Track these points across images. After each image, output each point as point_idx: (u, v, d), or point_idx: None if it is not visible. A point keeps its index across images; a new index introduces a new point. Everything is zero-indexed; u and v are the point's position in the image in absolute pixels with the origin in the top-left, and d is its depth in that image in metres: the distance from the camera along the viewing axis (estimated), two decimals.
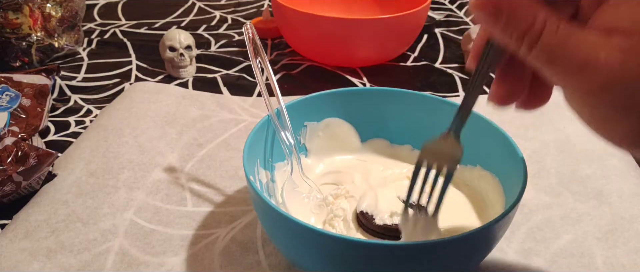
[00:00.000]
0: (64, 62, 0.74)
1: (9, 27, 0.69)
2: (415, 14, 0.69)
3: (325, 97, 0.48)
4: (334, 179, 0.47)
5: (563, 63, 0.25)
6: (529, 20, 0.25)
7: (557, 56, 0.25)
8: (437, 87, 0.70)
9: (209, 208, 0.48)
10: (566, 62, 0.24)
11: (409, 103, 0.48)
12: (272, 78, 0.45)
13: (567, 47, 0.24)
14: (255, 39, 0.44)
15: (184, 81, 0.69)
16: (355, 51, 0.71)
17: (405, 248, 0.34)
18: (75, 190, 0.49)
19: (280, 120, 0.45)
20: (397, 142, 0.50)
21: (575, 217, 0.47)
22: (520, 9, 0.25)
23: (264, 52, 0.45)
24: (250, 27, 0.45)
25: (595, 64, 0.24)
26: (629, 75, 0.24)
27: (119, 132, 0.56)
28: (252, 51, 0.44)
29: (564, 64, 0.24)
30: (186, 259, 0.43)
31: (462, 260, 0.36)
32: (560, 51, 0.24)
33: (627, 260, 0.43)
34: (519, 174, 0.39)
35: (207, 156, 0.54)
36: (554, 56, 0.25)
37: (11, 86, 0.59)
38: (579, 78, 0.24)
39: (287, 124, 0.45)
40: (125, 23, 0.87)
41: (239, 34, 0.84)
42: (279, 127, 0.45)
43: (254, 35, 0.44)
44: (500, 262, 0.43)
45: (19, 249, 0.42)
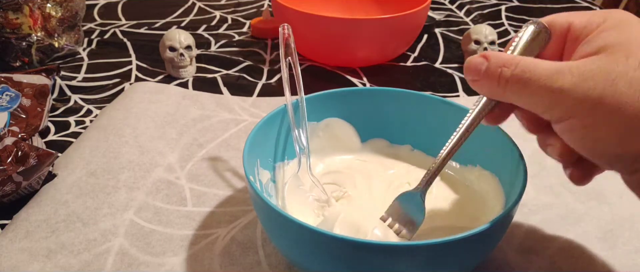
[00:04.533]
0: (64, 62, 0.74)
1: (9, 27, 0.69)
2: (415, 14, 0.69)
3: (325, 97, 0.48)
4: (334, 179, 0.47)
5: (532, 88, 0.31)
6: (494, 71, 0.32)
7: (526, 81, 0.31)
8: (437, 87, 0.70)
9: (209, 208, 0.48)
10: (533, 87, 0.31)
11: (409, 103, 0.48)
12: (299, 78, 0.46)
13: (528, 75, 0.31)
14: (290, 41, 0.46)
15: (184, 81, 0.69)
16: (355, 51, 0.71)
17: (405, 248, 0.34)
18: (75, 190, 0.49)
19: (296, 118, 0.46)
20: (397, 142, 0.50)
21: (575, 217, 0.47)
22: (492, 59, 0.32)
23: (296, 53, 0.46)
24: (287, 28, 0.46)
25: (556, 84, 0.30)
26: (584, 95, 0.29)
27: (119, 132, 0.56)
28: (283, 50, 0.46)
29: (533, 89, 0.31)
30: (186, 259, 0.43)
31: (463, 260, 0.36)
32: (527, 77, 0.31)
33: (627, 260, 0.43)
34: (519, 174, 0.39)
35: (207, 155, 0.54)
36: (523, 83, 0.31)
37: (11, 86, 0.59)
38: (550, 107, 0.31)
39: (303, 122, 0.46)
40: (125, 23, 0.87)
41: (239, 34, 0.84)
42: (294, 124, 0.45)
43: (289, 37, 0.46)
44: (500, 262, 0.43)
45: (19, 249, 0.42)
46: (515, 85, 0.31)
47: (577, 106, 0.30)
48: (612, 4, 1.25)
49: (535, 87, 0.31)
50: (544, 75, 0.30)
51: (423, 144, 0.49)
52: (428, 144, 0.49)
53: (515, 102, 0.33)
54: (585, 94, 0.29)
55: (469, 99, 0.66)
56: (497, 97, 0.33)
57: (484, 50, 0.71)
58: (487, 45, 0.71)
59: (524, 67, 0.31)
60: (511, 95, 0.32)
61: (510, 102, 0.33)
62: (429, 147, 0.49)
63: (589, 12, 0.34)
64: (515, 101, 0.32)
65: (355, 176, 0.47)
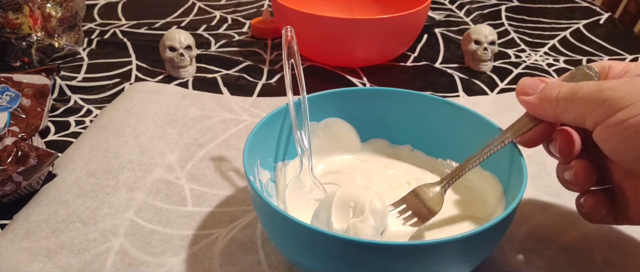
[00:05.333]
0: (64, 62, 0.74)
1: (9, 27, 0.69)
2: (415, 14, 0.69)
3: (325, 97, 0.48)
4: (334, 179, 0.47)
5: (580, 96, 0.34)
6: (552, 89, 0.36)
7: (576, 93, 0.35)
8: (437, 87, 0.70)
9: (209, 208, 0.48)
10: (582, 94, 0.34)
11: (409, 103, 0.48)
12: (301, 79, 0.46)
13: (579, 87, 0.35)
14: (293, 43, 0.46)
15: (184, 81, 0.69)
16: (355, 51, 0.71)
17: (405, 248, 0.34)
18: (75, 190, 0.49)
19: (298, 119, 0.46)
20: (397, 142, 0.50)
21: (575, 217, 0.47)
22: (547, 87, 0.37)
23: (299, 55, 0.46)
24: (290, 31, 0.46)
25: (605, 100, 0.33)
26: None
27: (119, 132, 0.56)
28: (286, 52, 0.46)
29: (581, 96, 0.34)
30: (186, 259, 0.43)
31: (463, 260, 0.36)
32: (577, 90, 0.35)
33: (627, 260, 0.43)
34: (519, 174, 0.39)
35: (207, 155, 0.54)
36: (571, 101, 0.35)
37: (11, 86, 0.59)
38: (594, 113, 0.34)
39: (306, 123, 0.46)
40: (125, 23, 0.87)
41: (239, 34, 0.84)
42: (296, 125, 0.45)
43: (292, 39, 0.46)
44: (500, 262, 0.43)
45: (19, 249, 0.42)
46: (567, 99, 0.35)
47: (620, 102, 0.32)
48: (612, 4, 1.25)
49: (585, 93, 0.34)
50: (593, 84, 0.34)
51: (423, 144, 0.49)
52: (428, 144, 0.49)
53: (564, 116, 0.36)
54: (628, 91, 0.32)
55: (468, 99, 0.66)
56: (546, 113, 0.37)
57: (484, 51, 0.71)
58: (487, 46, 0.71)
59: (575, 84, 0.35)
60: (562, 109, 0.35)
61: (558, 119, 0.36)
62: (429, 147, 0.49)
63: (624, 62, 0.39)
64: (565, 116, 0.36)
65: (355, 176, 0.47)
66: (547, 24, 0.89)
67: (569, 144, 0.38)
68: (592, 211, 0.40)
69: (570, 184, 0.39)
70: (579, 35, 0.85)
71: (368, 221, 0.38)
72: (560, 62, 0.77)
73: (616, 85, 0.33)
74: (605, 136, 0.34)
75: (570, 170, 0.38)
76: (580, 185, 0.39)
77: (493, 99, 0.66)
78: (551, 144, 0.39)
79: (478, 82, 0.71)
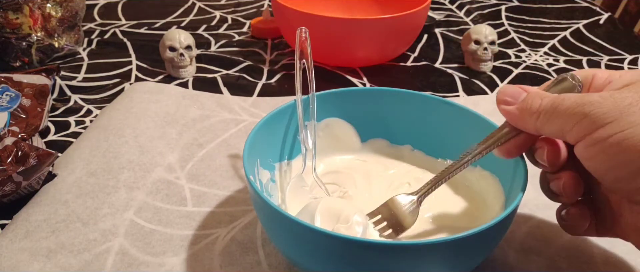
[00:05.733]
0: (64, 62, 0.74)
1: (9, 27, 0.69)
2: (415, 14, 0.69)
3: (325, 97, 0.48)
4: (334, 179, 0.47)
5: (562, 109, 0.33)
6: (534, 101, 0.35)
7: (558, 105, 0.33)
8: (437, 87, 0.70)
9: (209, 208, 0.48)
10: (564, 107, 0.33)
11: (409, 103, 0.48)
12: (312, 80, 0.46)
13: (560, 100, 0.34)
14: (306, 45, 0.46)
15: (184, 81, 0.69)
16: (355, 51, 0.71)
17: (405, 248, 0.34)
18: (75, 190, 0.49)
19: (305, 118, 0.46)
20: (397, 142, 0.50)
21: None
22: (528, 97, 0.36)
23: (311, 58, 0.46)
24: (304, 32, 0.46)
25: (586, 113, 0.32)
26: None
27: (119, 132, 0.56)
28: (298, 52, 0.46)
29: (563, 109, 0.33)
30: (186, 259, 0.43)
31: (463, 260, 0.36)
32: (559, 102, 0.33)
33: (627, 259, 0.43)
34: (519, 174, 0.39)
35: (207, 156, 0.54)
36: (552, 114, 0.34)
37: (11, 86, 0.59)
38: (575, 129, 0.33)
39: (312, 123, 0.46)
40: (125, 23, 0.87)
41: (239, 34, 0.84)
42: (302, 125, 0.45)
43: (305, 40, 0.46)
44: (500, 262, 0.43)
45: (19, 249, 0.42)
46: (548, 112, 0.34)
47: (602, 118, 0.32)
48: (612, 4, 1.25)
49: (566, 106, 0.33)
50: (575, 96, 0.33)
51: (423, 144, 0.49)
52: (428, 144, 0.49)
53: (545, 129, 0.35)
54: (610, 107, 0.32)
55: (468, 99, 0.66)
56: (527, 124, 0.36)
57: (484, 51, 0.71)
58: (487, 45, 0.71)
59: (556, 96, 0.34)
60: (544, 122, 0.34)
61: (539, 131, 0.35)
62: (429, 147, 0.49)
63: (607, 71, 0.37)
64: (545, 128, 0.35)
65: (355, 176, 0.47)
66: (547, 24, 0.89)
67: (556, 153, 0.37)
68: (576, 222, 0.39)
69: (556, 196, 0.38)
70: (579, 35, 0.85)
71: (353, 229, 0.38)
72: (560, 62, 0.77)
73: (598, 100, 0.32)
74: (586, 154, 0.33)
75: (558, 181, 0.37)
76: (569, 196, 0.37)
77: (493, 99, 0.66)
78: (536, 153, 0.38)
79: (478, 82, 0.71)
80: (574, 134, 0.33)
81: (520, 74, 0.73)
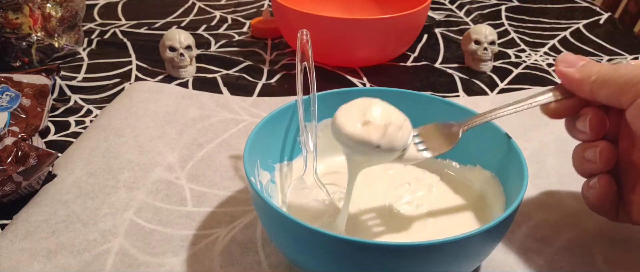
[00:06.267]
0: (64, 62, 0.74)
1: (9, 27, 0.69)
2: (415, 14, 0.69)
3: (324, 97, 0.48)
4: (334, 179, 0.47)
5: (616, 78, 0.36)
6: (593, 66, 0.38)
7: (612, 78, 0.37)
8: (437, 87, 0.70)
9: (209, 208, 0.48)
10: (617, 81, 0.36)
11: (409, 103, 0.48)
12: (313, 82, 0.46)
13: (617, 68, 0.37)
14: (307, 47, 0.46)
15: (184, 81, 0.69)
16: (355, 51, 0.71)
17: (405, 248, 0.34)
18: (75, 190, 0.49)
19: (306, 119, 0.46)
20: None
21: (575, 217, 0.47)
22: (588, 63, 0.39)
23: (312, 60, 0.46)
24: (306, 34, 0.46)
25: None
26: None
27: (119, 132, 0.56)
28: (299, 55, 0.46)
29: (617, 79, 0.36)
30: (186, 259, 0.43)
31: (463, 260, 0.36)
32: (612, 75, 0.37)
33: (627, 259, 0.43)
34: (519, 174, 0.39)
35: (207, 156, 0.54)
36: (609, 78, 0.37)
37: (11, 86, 0.59)
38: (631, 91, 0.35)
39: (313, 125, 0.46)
40: (125, 23, 0.87)
41: (239, 34, 0.84)
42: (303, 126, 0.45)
43: (306, 43, 0.46)
44: (500, 262, 0.43)
45: (19, 249, 0.42)
46: (605, 78, 0.37)
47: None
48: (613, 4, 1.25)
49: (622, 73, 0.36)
50: (631, 66, 0.36)
51: None
52: None
53: (597, 92, 0.37)
54: None
55: (468, 99, 0.66)
56: (581, 87, 0.38)
57: (484, 51, 0.71)
58: (487, 45, 0.71)
59: (615, 65, 0.37)
60: (599, 86, 0.37)
61: (592, 93, 0.38)
62: None
63: None
64: (598, 91, 0.37)
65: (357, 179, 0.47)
66: (547, 24, 0.89)
67: (602, 120, 0.39)
68: (604, 193, 0.40)
69: (591, 163, 0.40)
70: (579, 35, 0.85)
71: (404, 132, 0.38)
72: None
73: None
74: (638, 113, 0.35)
75: (595, 148, 0.39)
76: (604, 162, 0.39)
77: (493, 99, 0.66)
78: (579, 120, 0.40)
79: (478, 82, 0.71)
80: (629, 96, 0.36)
81: (520, 74, 0.73)
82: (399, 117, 0.39)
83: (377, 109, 0.38)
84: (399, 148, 0.38)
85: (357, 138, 0.37)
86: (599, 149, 0.39)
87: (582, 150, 0.40)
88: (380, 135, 0.37)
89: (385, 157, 0.38)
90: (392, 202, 0.44)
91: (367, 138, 0.37)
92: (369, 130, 0.37)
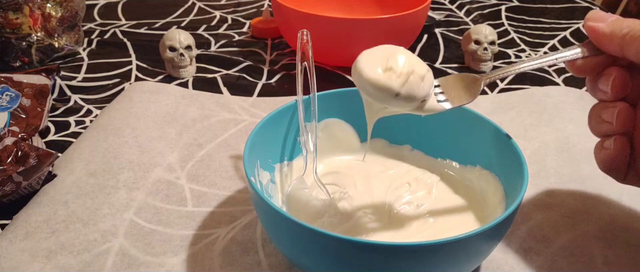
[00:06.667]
0: (64, 62, 0.74)
1: (9, 27, 0.69)
2: (415, 14, 0.69)
3: (324, 97, 0.48)
4: (333, 179, 0.47)
5: None
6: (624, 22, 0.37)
7: None
8: None
9: (209, 208, 0.48)
10: None
11: None
12: (313, 82, 0.46)
13: None
14: (308, 47, 0.46)
15: (184, 81, 0.69)
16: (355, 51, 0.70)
17: (405, 248, 0.34)
18: (75, 190, 0.49)
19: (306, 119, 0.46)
20: (397, 142, 0.50)
21: (575, 217, 0.47)
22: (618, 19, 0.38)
23: (312, 60, 0.46)
24: (306, 35, 0.46)
25: None
26: None
27: (119, 132, 0.56)
28: (299, 55, 0.46)
29: None
30: (186, 259, 0.43)
31: (463, 260, 0.36)
32: None
33: (627, 259, 0.43)
34: (519, 174, 0.39)
35: (207, 156, 0.54)
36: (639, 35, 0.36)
37: (11, 86, 0.59)
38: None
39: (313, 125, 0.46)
40: (125, 23, 0.87)
41: (239, 34, 0.84)
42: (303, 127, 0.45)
43: (307, 43, 0.46)
44: (500, 262, 0.43)
45: (19, 250, 0.42)
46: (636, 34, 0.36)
47: None
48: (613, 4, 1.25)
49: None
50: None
51: (422, 144, 0.49)
52: (428, 144, 0.49)
53: (628, 47, 0.36)
54: None
55: None
56: (611, 42, 0.37)
57: (484, 51, 0.71)
58: (487, 45, 0.71)
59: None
60: (628, 41, 0.36)
61: (621, 49, 0.37)
62: (429, 147, 0.49)
63: None
64: (628, 46, 0.36)
65: (355, 176, 0.47)
66: (547, 24, 0.89)
67: (625, 81, 0.38)
68: (616, 156, 0.40)
69: (607, 124, 0.39)
70: (579, 35, 0.85)
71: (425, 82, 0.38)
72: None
73: None
74: None
75: (613, 109, 0.39)
76: (621, 122, 0.39)
77: (493, 98, 0.66)
78: (601, 79, 0.39)
79: None
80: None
81: (520, 74, 0.73)
82: (422, 68, 0.38)
83: (402, 57, 0.37)
84: (419, 98, 0.37)
85: (378, 83, 0.36)
86: (618, 110, 0.39)
87: (601, 109, 0.40)
88: (401, 83, 0.36)
89: (405, 105, 0.38)
90: (392, 202, 0.44)
91: (388, 84, 0.36)
92: (391, 76, 0.36)
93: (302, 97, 0.46)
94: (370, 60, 0.37)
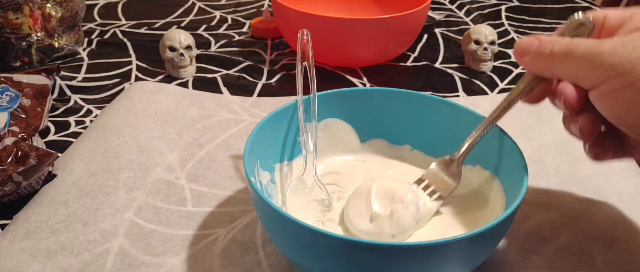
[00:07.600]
0: (64, 62, 0.74)
1: (9, 27, 0.69)
2: (415, 14, 0.69)
3: (324, 97, 0.48)
4: (333, 179, 0.47)
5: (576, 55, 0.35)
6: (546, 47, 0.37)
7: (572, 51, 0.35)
8: (437, 87, 0.70)
9: (209, 208, 0.48)
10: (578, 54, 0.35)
11: (409, 103, 0.48)
12: (314, 83, 0.46)
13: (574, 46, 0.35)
14: (308, 47, 0.47)
15: (184, 81, 0.69)
16: (355, 51, 0.71)
17: (405, 248, 0.34)
18: (75, 190, 0.49)
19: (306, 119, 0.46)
20: (397, 143, 0.50)
21: (575, 217, 0.47)
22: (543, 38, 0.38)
23: (312, 60, 0.47)
24: (306, 35, 0.47)
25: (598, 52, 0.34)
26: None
27: (119, 132, 0.56)
28: (299, 55, 0.47)
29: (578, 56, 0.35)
30: (186, 259, 0.43)
31: (463, 260, 0.36)
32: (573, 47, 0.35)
33: (627, 259, 0.43)
34: (519, 174, 0.39)
35: (207, 156, 0.54)
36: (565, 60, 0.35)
37: (11, 86, 0.59)
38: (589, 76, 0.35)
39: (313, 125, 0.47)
40: (125, 23, 0.87)
41: (239, 34, 0.84)
42: (303, 127, 0.45)
43: (307, 43, 0.47)
44: (500, 262, 0.43)
45: (19, 250, 0.42)
46: (562, 57, 0.36)
47: (614, 69, 0.33)
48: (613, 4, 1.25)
49: (579, 54, 0.35)
50: (588, 44, 0.35)
51: (422, 144, 0.49)
52: (427, 144, 0.49)
53: (560, 73, 0.37)
54: (622, 59, 0.33)
55: (468, 99, 0.66)
56: (544, 70, 0.38)
57: (484, 51, 0.71)
58: (487, 46, 0.71)
59: (570, 41, 0.36)
60: (558, 66, 0.36)
61: (555, 75, 0.37)
62: (429, 147, 0.49)
63: (620, 8, 0.38)
64: (560, 72, 0.36)
65: (355, 176, 0.47)
66: (547, 24, 0.89)
67: (572, 98, 0.38)
68: (598, 157, 0.40)
69: (576, 137, 0.40)
70: None
71: (409, 208, 0.40)
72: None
73: (609, 50, 0.33)
74: (599, 102, 0.35)
75: (575, 124, 0.38)
76: (586, 137, 0.39)
77: (493, 98, 0.66)
78: (556, 98, 0.39)
79: (478, 82, 0.71)
80: (588, 82, 0.35)
81: (520, 74, 0.73)
82: (402, 195, 0.41)
83: (379, 198, 0.41)
84: (410, 225, 0.41)
85: (372, 235, 0.40)
86: (579, 126, 0.38)
87: (568, 123, 0.40)
88: (389, 224, 0.40)
89: (405, 233, 0.41)
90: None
91: (381, 232, 0.40)
92: (379, 224, 0.40)
93: (302, 97, 0.46)
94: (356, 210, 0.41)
